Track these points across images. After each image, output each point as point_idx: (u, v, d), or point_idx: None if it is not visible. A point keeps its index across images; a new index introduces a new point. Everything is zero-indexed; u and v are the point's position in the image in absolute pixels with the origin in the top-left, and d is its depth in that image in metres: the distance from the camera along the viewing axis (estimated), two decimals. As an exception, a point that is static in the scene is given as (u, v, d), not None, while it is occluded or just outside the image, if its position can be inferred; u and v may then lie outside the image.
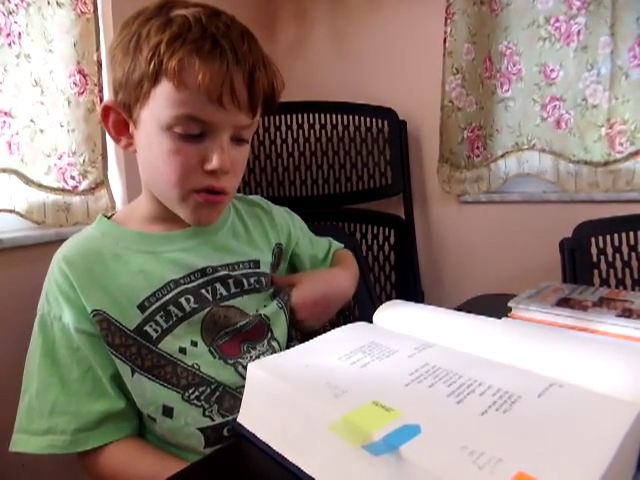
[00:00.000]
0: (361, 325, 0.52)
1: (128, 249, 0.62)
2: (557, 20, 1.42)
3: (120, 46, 0.57)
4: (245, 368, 0.59)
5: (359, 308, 1.07)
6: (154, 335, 0.58)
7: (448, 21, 1.53)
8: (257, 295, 0.67)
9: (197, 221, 0.62)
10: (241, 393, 0.58)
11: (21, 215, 1.08)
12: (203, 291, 0.62)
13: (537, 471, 0.26)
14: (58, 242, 0.63)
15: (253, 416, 0.41)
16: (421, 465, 0.28)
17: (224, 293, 0.64)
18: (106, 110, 0.60)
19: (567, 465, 0.27)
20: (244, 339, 0.63)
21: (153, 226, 0.65)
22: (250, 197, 0.80)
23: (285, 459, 0.36)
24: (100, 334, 0.57)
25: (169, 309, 0.59)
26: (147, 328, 0.58)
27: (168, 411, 0.57)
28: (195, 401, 0.57)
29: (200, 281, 0.63)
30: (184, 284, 0.61)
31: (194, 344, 0.60)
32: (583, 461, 0.27)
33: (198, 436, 0.57)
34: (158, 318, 0.59)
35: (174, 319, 0.59)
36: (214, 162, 0.56)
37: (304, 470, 0.34)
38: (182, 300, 0.60)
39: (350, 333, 0.49)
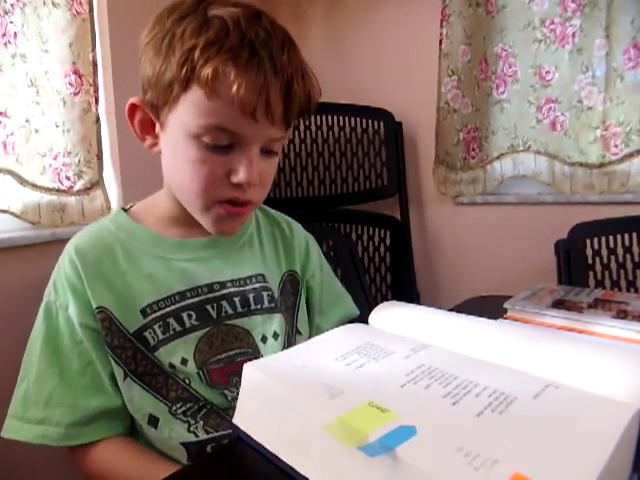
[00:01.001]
0: (357, 326, 0.52)
1: (140, 250, 0.61)
2: (552, 22, 1.43)
3: (152, 43, 0.53)
4: (231, 399, 0.58)
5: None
6: (152, 342, 0.57)
7: (444, 23, 1.53)
8: (264, 316, 0.64)
9: (219, 232, 0.61)
10: (228, 414, 0.57)
11: (16, 215, 1.07)
12: (208, 307, 0.61)
13: (533, 472, 0.26)
14: (53, 242, 0.63)
15: (249, 417, 0.41)
16: (417, 466, 0.28)
17: (229, 311, 0.62)
18: (132, 108, 0.58)
19: (563, 466, 0.27)
20: (235, 372, 0.60)
21: (170, 229, 0.63)
22: (274, 214, 0.77)
23: (281, 460, 0.36)
24: (102, 332, 0.57)
25: (168, 321, 0.58)
26: (146, 334, 0.57)
27: (153, 421, 0.57)
28: (181, 416, 0.57)
29: (207, 296, 0.61)
30: (190, 297, 0.60)
31: (184, 362, 0.58)
32: (579, 462, 0.27)
33: (181, 450, 0.56)
34: (156, 327, 0.58)
35: (171, 332, 0.58)
36: (241, 175, 0.54)
37: (299, 471, 0.34)
38: (184, 315, 0.59)
39: (346, 334, 0.49)
